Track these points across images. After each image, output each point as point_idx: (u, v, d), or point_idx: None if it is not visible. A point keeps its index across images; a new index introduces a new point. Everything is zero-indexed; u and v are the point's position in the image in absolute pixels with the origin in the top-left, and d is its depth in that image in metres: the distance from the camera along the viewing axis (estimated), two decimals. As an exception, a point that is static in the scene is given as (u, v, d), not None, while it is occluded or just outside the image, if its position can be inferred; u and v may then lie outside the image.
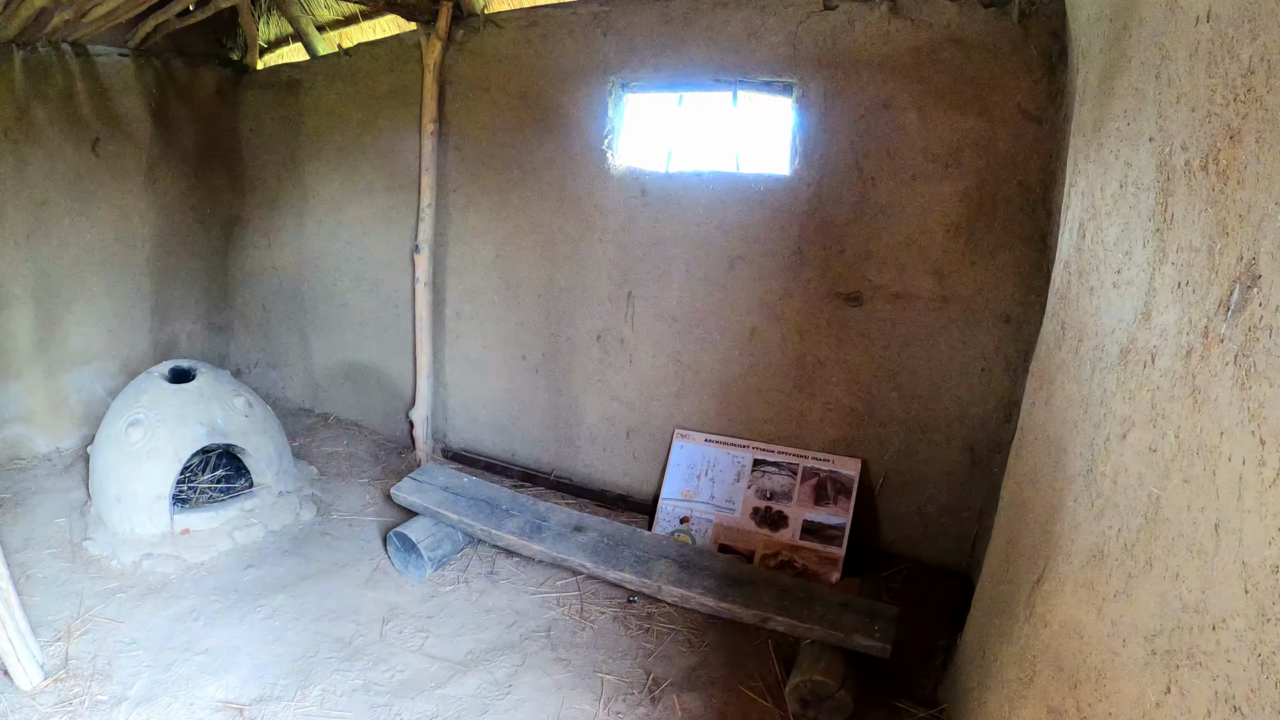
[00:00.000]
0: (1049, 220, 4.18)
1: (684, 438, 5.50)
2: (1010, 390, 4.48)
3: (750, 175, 5.07)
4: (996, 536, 3.48)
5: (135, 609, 4.62)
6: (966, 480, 4.79)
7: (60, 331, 6.69)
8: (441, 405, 6.75)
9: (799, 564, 4.87)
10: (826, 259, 4.87)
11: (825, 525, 4.93)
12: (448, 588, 4.89)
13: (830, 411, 5.09)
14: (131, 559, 5.02)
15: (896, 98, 4.55)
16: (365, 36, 6.81)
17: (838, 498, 4.95)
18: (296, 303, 7.71)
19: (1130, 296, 2.03)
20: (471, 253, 6.30)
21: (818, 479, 5.04)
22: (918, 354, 4.78)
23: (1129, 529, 1.84)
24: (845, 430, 5.07)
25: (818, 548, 4.89)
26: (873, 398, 4.96)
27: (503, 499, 5.16)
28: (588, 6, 5.38)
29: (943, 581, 4.84)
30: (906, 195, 4.60)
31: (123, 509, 5.19)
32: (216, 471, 5.94)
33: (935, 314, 4.67)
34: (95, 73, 6.51)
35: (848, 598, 4.09)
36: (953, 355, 4.69)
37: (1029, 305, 4.31)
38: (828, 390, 5.06)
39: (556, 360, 6.02)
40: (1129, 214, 2.12)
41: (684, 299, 5.36)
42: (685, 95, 5.33)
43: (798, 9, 4.73)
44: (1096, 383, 2.24)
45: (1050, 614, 2.31)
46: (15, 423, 6.52)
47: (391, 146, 6.51)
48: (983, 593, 3.57)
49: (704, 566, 4.41)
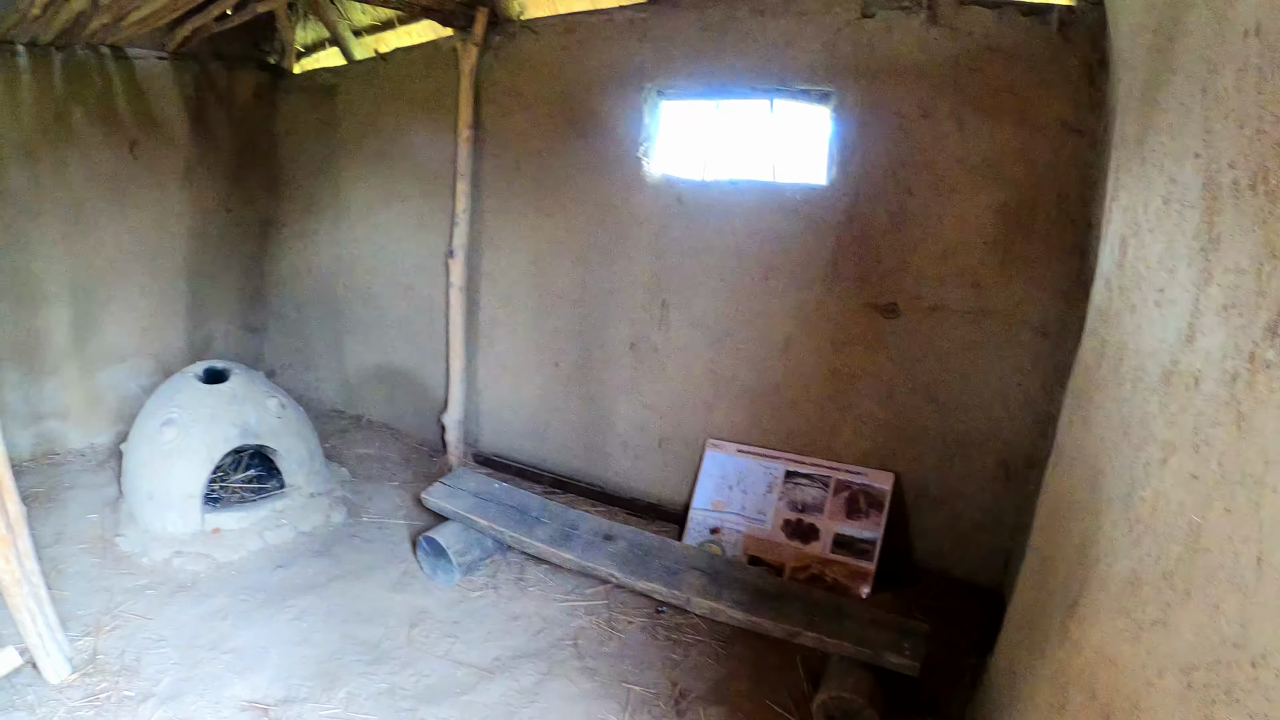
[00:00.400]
0: (1088, 233, 4.11)
1: (716, 447, 5.46)
2: (1046, 406, 4.40)
3: (786, 184, 5.03)
4: (1030, 556, 3.42)
5: (164, 606, 4.65)
6: (1000, 496, 4.72)
7: (97, 329, 6.79)
8: (474, 410, 6.75)
9: (829, 578, 4.82)
10: (863, 270, 4.82)
11: (856, 539, 4.88)
12: (476, 593, 4.88)
13: (864, 424, 5.04)
14: (162, 556, 5.08)
15: (935, 107, 4.50)
16: (401, 42, 6.83)
17: (870, 511, 4.90)
18: (331, 305, 7.75)
19: (1173, 317, 1.98)
20: (506, 258, 6.30)
21: (850, 492, 4.99)
22: (953, 367, 4.72)
23: (1168, 557, 1.79)
24: (879, 443, 5.01)
25: (849, 561, 4.84)
26: (907, 411, 4.90)
27: (533, 506, 5.14)
28: (624, 13, 5.37)
29: (973, 598, 4.77)
30: (944, 206, 4.55)
31: (155, 506, 5.24)
32: (248, 471, 5.98)
33: (971, 327, 4.61)
34: (133, 75, 6.56)
35: (878, 614, 4.05)
36: (988, 369, 4.63)
37: (1067, 320, 4.23)
38: (862, 402, 5.01)
39: (589, 367, 6.01)
40: (1173, 231, 2.07)
41: (719, 308, 5.33)
42: (722, 103, 5.30)
43: (835, 17, 4.69)
44: (1137, 404, 2.18)
45: (1085, 639, 2.26)
46: (51, 418, 6.62)
47: (427, 151, 6.53)
48: (1015, 613, 3.51)
49: (734, 579, 4.37)
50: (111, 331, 6.91)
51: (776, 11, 4.86)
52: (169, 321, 7.37)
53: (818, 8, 4.74)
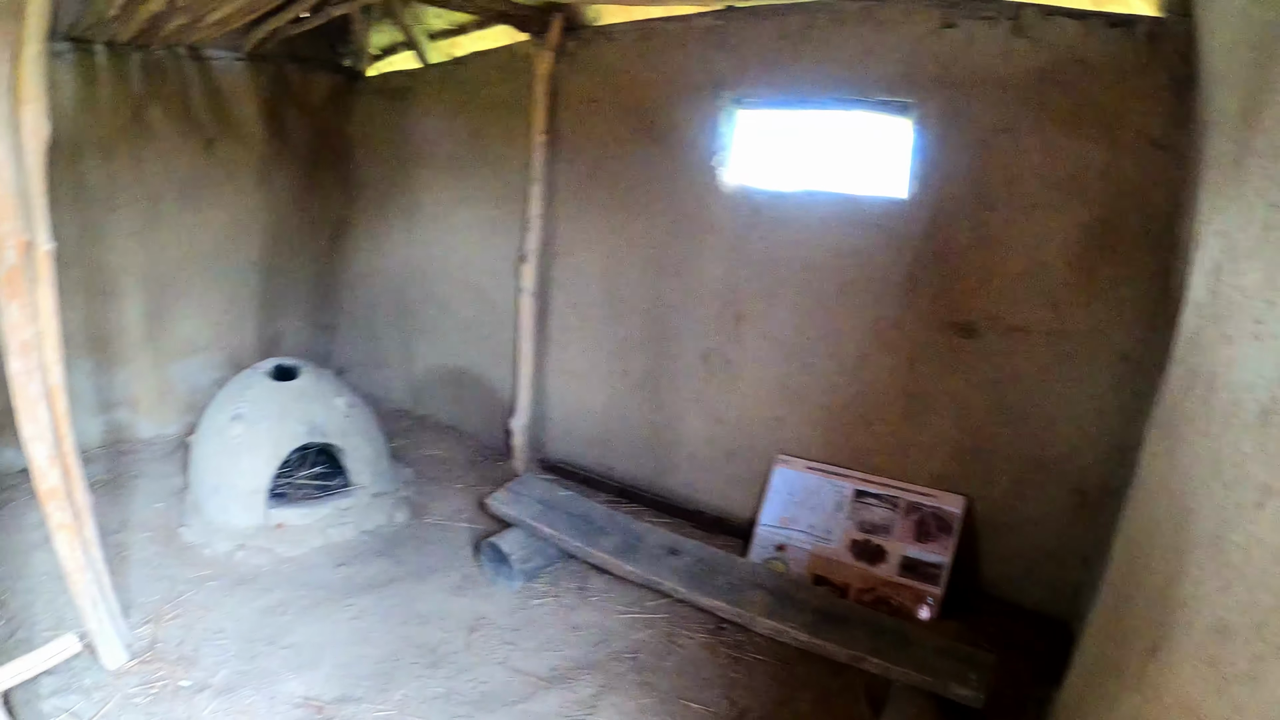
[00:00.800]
0: (1173, 255, 3.98)
1: (785, 463, 5.41)
2: (1124, 434, 4.23)
3: (865, 197, 4.96)
4: (1105, 591, 3.32)
5: (225, 598, 4.74)
6: (1072, 525, 4.60)
7: (169, 322, 6.95)
8: (541, 415, 6.75)
9: (895, 601, 4.75)
10: (941, 287, 4.74)
11: (924, 563, 4.80)
12: (536, 601, 4.89)
13: (937, 445, 4.95)
14: (225, 549, 5.19)
15: (1017, 121, 4.41)
16: (476, 46, 6.88)
17: (939, 535, 4.81)
18: (401, 306, 7.82)
19: (1273, 351, 1.90)
20: (577, 265, 6.31)
21: (920, 514, 4.90)
22: (1030, 390, 4.61)
23: (1260, 607, 1.71)
24: (951, 465, 4.92)
25: (915, 586, 4.75)
26: (981, 433, 4.80)
27: (598, 515, 5.15)
28: (701, 20, 5.34)
29: (1040, 629, 4.65)
30: (1025, 224, 4.45)
31: (220, 499, 5.34)
32: (314, 468, 6.02)
33: (1050, 349, 4.50)
34: (210, 76, 6.69)
35: (944, 641, 3.97)
36: (1065, 393, 4.51)
37: (1149, 345, 4.09)
38: (935, 423, 4.93)
39: (659, 377, 5.98)
40: (1273, 260, 1.98)
41: (793, 322, 5.28)
42: (799, 112, 5.25)
43: (916, 26, 4.62)
44: (1229, 441, 2.09)
45: (1164, 687, 2.18)
46: (121, 407, 6.78)
47: (500, 156, 6.56)
48: (1086, 649, 3.42)
49: (799, 599, 4.33)
50: (184, 325, 7.06)
51: (856, 20, 4.81)
52: (240, 317, 7.50)
53: (898, 17, 4.68)
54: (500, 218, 6.65)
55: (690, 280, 5.70)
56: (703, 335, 5.69)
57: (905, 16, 4.66)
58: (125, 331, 6.71)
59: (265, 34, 6.46)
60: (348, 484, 5.73)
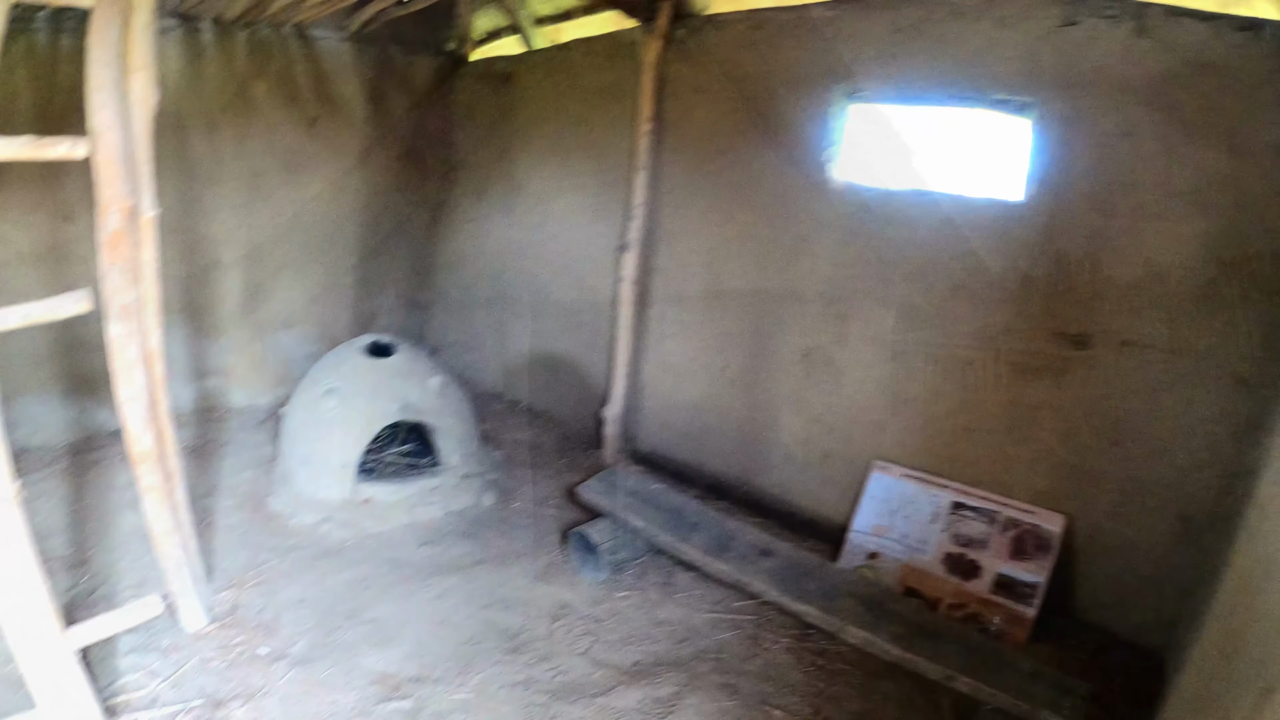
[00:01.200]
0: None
1: (883, 469, 5.44)
2: (1236, 460, 4.21)
3: (978, 199, 4.96)
4: (1212, 625, 3.32)
5: (308, 570, 4.92)
6: (1174, 552, 4.52)
7: (267, 295, 7.26)
8: (634, 406, 6.86)
9: (986, 619, 4.75)
10: (1053, 295, 4.72)
11: (1019, 581, 4.78)
12: (621, 593, 4.99)
13: (1040, 460, 4.92)
14: (311, 520, 5.39)
15: (1138, 125, 4.38)
16: (581, 32, 6.98)
17: (1036, 553, 4.80)
18: (497, 289, 7.98)
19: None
20: (679, 256, 6.39)
21: (1018, 530, 4.89)
22: (1139, 408, 4.56)
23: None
24: (1053, 482, 4.89)
25: (1008, 605, 4.75)
26: (1086, 450, 4.76)
27: (690, 511, 5.24)
28: (815, 10, 5.37)
29: (1132, 658, 4.58)
30: (1143, 233, 4.42)
31: (309, 471, 5.55)
32: (404, 446, 6.22)
33: (1163, 366, 4.44)
34: (315, 55, 6.93)
35: (1038, 666, 3.97)
36: (1177, 413, 4.45)
37: (1268, 369, 4.06)
38: (1041, 437, 4.90)
39: (758, 374, 6.04)
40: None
41: (899, 325, 5.29)
42: (913, 109, 5.27)
43: (1037, 23, 4.61)
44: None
45: (1283, 733, 2.16)
46: (215, 375, 7.11)
47: (604, 143, 6.67)
48: (1186, 685, 3.41)
49: (891, 610, 4.38)
50: (281, 298, 7.36)
51: (974, 15, 4.80)
52: (337, 293, 7.77)
53: (1018, 13, 4.67)
54: (602, 205, 6.77)
55: (794, 277, 5.74)
56: (805, 333, 5.72)
57: (1026, 12, 4.64)
58: (223, 302, 7.04)
59: (370, 15, 6.68)
60: (436, 463, 5.91)
